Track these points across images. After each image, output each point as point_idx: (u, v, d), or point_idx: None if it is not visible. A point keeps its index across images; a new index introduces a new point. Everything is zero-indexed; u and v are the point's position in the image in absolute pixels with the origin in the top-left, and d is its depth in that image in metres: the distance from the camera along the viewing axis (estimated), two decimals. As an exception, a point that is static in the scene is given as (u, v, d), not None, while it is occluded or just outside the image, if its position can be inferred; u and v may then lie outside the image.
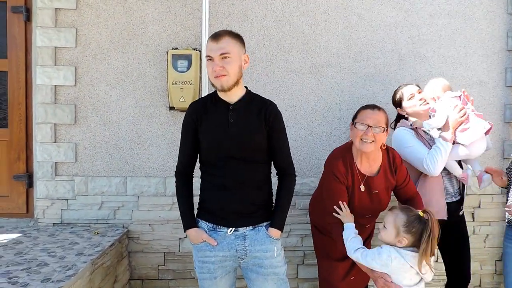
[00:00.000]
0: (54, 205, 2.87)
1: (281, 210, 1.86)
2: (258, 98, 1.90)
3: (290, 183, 1.91)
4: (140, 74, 2.86)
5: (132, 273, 2.91)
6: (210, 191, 1.84)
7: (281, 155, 1.90)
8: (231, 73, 1.74)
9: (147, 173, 2.89)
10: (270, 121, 1.82)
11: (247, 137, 1.78)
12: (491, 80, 3.02)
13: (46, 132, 2.84)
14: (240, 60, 1.78)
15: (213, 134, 1.80)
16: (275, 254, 1.82)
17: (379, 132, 1.96)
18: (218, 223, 1.82)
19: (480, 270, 3.09)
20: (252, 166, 1.81)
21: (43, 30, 2.80)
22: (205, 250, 1.81)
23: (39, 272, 2.04)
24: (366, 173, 2.09)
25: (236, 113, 1.81)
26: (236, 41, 1.78)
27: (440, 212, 2.29)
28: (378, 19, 2.94)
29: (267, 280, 1.82)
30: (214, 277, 1.82)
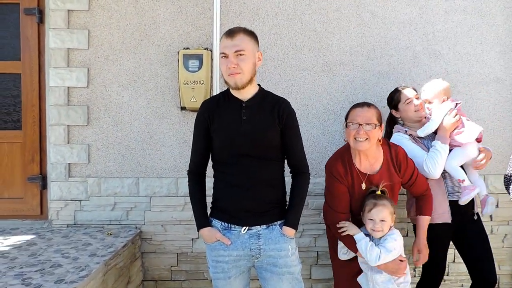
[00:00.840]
0: (68, 207, 2.88)
1: (295, 208, 1.84)
2: (271, 95, 1.89)
3: (304, 181, 1.88)
4: (151, 74, 2.86)
5: (145, 274, 2.91)
6: (223, 190, 1.83)
7: (295, 153, 1.87)
8: (245, 70, 1.72)
9: (159, 174, 2.89)
10: (284, 119, 1.80)
11: (260, 134, 1.77)
12: (509, 77, 2.94)
13: (59, 134, 2.85)
14: (254, 58, 1.77)
15: (226, 132, 1.78)
16: (289, 253, 1.80)
17: (371, 129, 1.95)
18: (232, 222, 1.80)
19: (499, 270, 3.00)
20: (266, 164, 1.79)
21: (55, 31, 2.82)
22: (219, 249, 1.80)
23: (52, 273, 2.04)
24: (367, 171, 2.06)
25: (249, 110, 1.80)
26: (250, 38, 1.77)
27: (443, 215, 2.26)
28: (391, 16, 2.89)
29: (282, 280, 1.79)
30: (228, 276, 1.80)
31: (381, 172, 2.07)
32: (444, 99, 2.36)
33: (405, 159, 2.10)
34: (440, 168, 2.20)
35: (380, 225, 1.95)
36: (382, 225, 1.95)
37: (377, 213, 1.95)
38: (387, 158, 2.08)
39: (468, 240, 2.36)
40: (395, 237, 1.97)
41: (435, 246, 2.27)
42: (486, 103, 2.93)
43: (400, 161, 2.08)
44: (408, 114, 2.39)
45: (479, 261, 2.35)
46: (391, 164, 2.08)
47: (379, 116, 2.03)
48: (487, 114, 2.92)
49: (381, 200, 1.97)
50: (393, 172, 2.07)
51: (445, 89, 2.38)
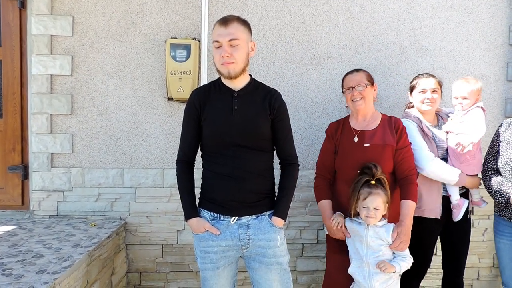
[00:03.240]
0: (50, 197, 2.82)
1: (284, 199, 1.84)
2: (262, 86, 1.88)
3: (293, 172, 1.89)
4: (138, 63, 2.81)
5: (129, 266, 2.88)
6: (212, 180, 1.81)
7: (285, 144, 1.87)
8: (239, 60, 1.71)
9: (144, 165, 2.85)
10: (275, 110, 1.80)
11: (251, 124, 1.76)
12: (493, 74, 3.00)
13: (42, 123, 2.78)
14: (247, 47, 1.76)
15: (216, 121, 1.77)
16: (278, 243, 1.81)
17: (363, 89, 2.16)
18: (221, 212, 1.79)
19: (479, 263, 3.09)
20: (256, 154, 1.79)
21: (38, 17, 2.74)
22: (207, 239, 1.78)
23: (34, 263, 2.00)
24: (360, 128, 2.21)
25: (241, 100, 1.78)
26: (244, 27, 1.75)
27: (435, 210, 2.29)
28: (380, 10, 2.90)
29: (270, 270, 1.80)
30: (217, 267, 1.80)
31: (375, 130, 2.19)
32: (477, 98, 2.35)
33: (404, 129, 2.21)
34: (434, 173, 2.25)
35: (374, 213, 2.01)
36: (376, 212, 2.01)
37: (371, 201, 2.01)
38: (385, 121, 2.23)
39: (452, 238, 2.40)
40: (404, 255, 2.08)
41: (423, 240, 2.30)
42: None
43: (399, 127, 2.20)
44: (416, 103, 2.38)
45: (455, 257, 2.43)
46: (387, 126, 2.20)
47: (369, 77, 2.23)
48: (471, 110, 2.97)
49: (376, 189, 2.03)
50: (388, 133, 2.18)
51: (480, 89, 2.37)
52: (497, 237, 2.30)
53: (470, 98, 2.31)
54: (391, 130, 2.19)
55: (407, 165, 2.17)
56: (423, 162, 2.24)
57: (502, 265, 2.29)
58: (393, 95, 2.92)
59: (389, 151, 2.15)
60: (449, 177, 2.25)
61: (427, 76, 2.38)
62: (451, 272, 2.46)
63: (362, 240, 2.06)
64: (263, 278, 1.81)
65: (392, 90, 2.93)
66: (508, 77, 2.99)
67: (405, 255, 2.07)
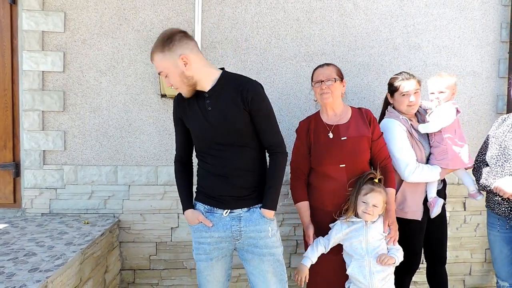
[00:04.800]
0: (43, 195, 2.80)
1: (271, 190, 1.84)
2: (234, 78, 1.83)
3: (280, 161, 1.87)
4: (131, 60, 2.79)
5: (123, 263, 2.87)
6: (204, 178, 1.89)
7: (266, 134, 1.84)
8: (176, 85, 1.78)
9: (138, 162, 2.84)
10: (248, 102, 1.76)
11: (227, 122, 1.77)
12: (484, 71, 3.02)
13: (34, 120, 2.76)
14: (178, 69, 1.73)
15: (195, 124, 1.84)
16: (269, 234, 1.84)
17: (332, 84, 2.17)
18: (214, 205, 1.85)
19: (471, 258, 3.12)
20: (240, 150, 1.81)
21: (29, 13, 2.70)
22: (201, 231, 1.86)
23: (26, 262, 1.98)
24: (333, 123, 2.23)
25: (212, 100, 1.79)
26: (163, 55, 1.72)
27: (416, 212, 2.31)
28: (373, 7, 2.91)
29: (263, 261, 1.84)
30: (210, 258, 1.86)
31: (348, 123, 2.22)
32: (453, 93, 2.38)
33: (376, 120, 2.27)
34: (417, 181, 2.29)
35: (372, 209, 2.04)
36: (374, 209, 2.05)
37: (372, 197, 2.05)
38: (356, 113, 2.26)
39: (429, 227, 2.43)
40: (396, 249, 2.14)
41: (409, 240, 2.32)
42: (463, 96, 3.00)
43: (370, 118, 2.24)
44: (400, 106, 2.38)
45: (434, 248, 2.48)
46: (360, 119, 2.24)
47: (338, 72, 2.24)
48: (463, 107, 2.99)
49: (378, 187, 2.08)
50: (361, 125, 2.22)
51: (455, 84, 2.40)
52: (488, 229, 2.35)
53: (447, 91, 2.35)
54: (364, 121, 2.23)
55: (384, 154, 2.24)
56: (406, 176, 2.27)
57: (494, 256, 2.34)
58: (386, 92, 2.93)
59: (365, 141, 2.19)
60: (431, 177, 2.30)
61: (409, 78, 2.35)
62: (433, 261, 2.50)
63: (362, 239, 2.06)
64: (257, 269, 1.85)
65: (385, 87, 2.91)
66: (500, 74, 3.02)
67: (398, 248, 2.13)
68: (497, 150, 2.22)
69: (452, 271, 2.98)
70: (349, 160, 2.16)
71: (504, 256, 2.27)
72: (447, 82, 2.36)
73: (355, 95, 2.91)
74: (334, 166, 2.17)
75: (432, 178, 2.30)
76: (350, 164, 2.16)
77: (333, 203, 2.17)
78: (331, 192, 2.17)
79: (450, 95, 2.37)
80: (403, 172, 2.27)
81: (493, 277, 3.05)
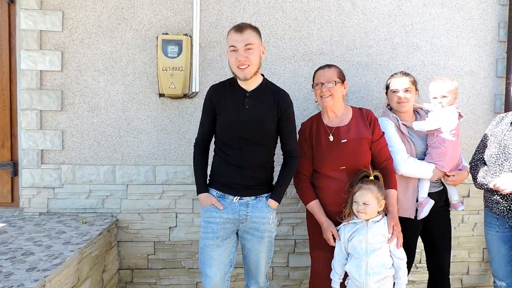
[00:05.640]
0: (40, 194, 2.80)
1: (281, 185, 2.12)
2: (273, 87, 2.12)
3: (293, 164, 2.15)
4: (129, 59, 2.79)
5: (121, 263, 2.87)
6: (220, 166, 2.09)
7: (289, 140, 2.12)
8: (253, 63, 1.95)
9: (136, 161, 2.84)
10: (282, 110, 2.04)
11: (259, 123, 2.01)
12: (482, 71, 3.03)
13: (32, 119, 2.75)
14: (259, 51, 2.00)
15: (228, 118, 2.03)
16: (270, 221, 2.10)
17: (332, 86, 2.17)
18: (226, 192, 2.07)
19: (468, 257, 3.13)
20: (260, 149, 2.04)
21: (27, 12, 2.70)
22: (212, 211, 2.06)
23: (24, 261, 1.98)
24: (334, 125, 2.23)
25: (252, 100, 2.03)
26: (257, 33, 2.00)
27: (408, 210, 2.29)
28: (371, 7, 2.91)
29: (261, 242, 2.10)
30: (217, 237, 2.05)
31: (349, 125, 2.22)
32: (455, 97, 2.37)
33: (376, 120, 2.26)
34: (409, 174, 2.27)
35: (363, 208, 2.03)
36: (365, 208, 2.03)
37: (360, 196, 2.04)
38: (357, 114, 2.26)
39: (431, 232, 2.40)
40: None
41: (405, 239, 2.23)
42: (461, 95, 2.99)
43: (371, 119, 2.24)
44: (391, 103, 2.41)
45: (438, 253, 2.42)
46: (360, 120, 2.23)
47: (340, 74, 2.23)
48: (461, 106, 2.97)
49: (368, 184, 2.05)
50: (362, 126, 2.21)
51: (457, 88, 2.38)
52: (486, 229, 2.35)
53: (449, 96, 2.33)
54: (364, 122, 2.22)
55: (384, 155, 2.23)
56: (397, 164, 2.26)
57: (491, 255, 2.33)
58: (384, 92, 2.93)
59: (366, 143, 2.19)
60: (423, 173, 2.27)
61: (401, 76, 2.39)
62: (435, 271, 2.44)
63: (362, 239, 2.05)
64: (254, 248, 2.11)
65: (383, 87, 2.93)
66: (498, 73, 3.03)
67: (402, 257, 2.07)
68: (496, 149, 2.22)
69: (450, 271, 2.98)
70: (349, 162, 2.16)
71: (501, 255, 2.27)
72: (449, 87, 2.34)
73: (353, 95, 2.91)
74: (335, 168, 2.18)
75: (424, 174, 2.27)
76: (350, 166, 2.17)
77: (336, 203, 2.17)
78: (333, 193, 2.18)
79: (452, 100, 2.35)
80: (394, 160, 2.26)
81: (490, 276, 3.05)
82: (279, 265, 2.98)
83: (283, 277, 3.00)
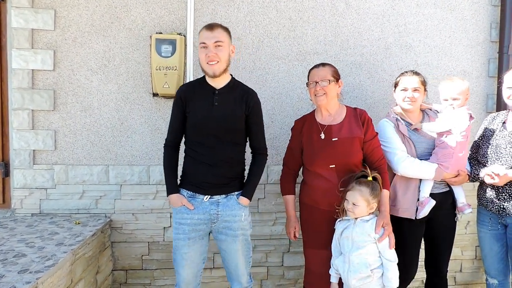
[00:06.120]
0: (33, 195, 2.76)
1: (251, 183, 2.16)
2: (241, 86, 2.15)
3: (262, 161, 2.21)
4: (122, 59, 2.77)
5: (115, 264, 2.85)
6: (192, 166, 2.11)
7: (257, 137, 2.18)
8: (222, 59, 2.00)
9: (130, 161, 2.82)
10: (250, 107, 2.09)
11: (228, 119, 2.04)
12: (475, 70, 3.06)
13: (23, 119, 2.72)
14: (229, 49, 2.05)
15: (198, 115, 2.05)
16: (242, 219, 2.11)
17: (326, 85, 2.17)
18: (196, 191, 2.09)
19: (461, 255, 3.16)
20: (229, 146, 2.07)
21: (19, 10, 2.67)
22: (183, 212, 2.08)
23: (16, 263, 1.96)
24: (327, 123, 2.25)
25: (221, 97, 2.07)
26: (227, 33, 2.06)
27: (408, 210, 2.27)
28: (365, 7, 2.92)
29: (235, 241, 2.11)
30: (188, 238, 2.07)
31: (342, 123, 2.23)
32: (467, 98, 2.32)
33: (370, 121, 2.26)
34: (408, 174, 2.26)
35: (352, 207, 2.04)
36: (354, 208, 2.03)
37: (350, 195, 2.05)
38: (350, 114, 2.26)
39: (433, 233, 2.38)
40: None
41: (403, 241, 2.25)
42: (453, 95, 3.03)
43: (365, 119, 2.24)
44: (398, 100, 2.40)
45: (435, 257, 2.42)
46: (353, 119, 2.24)
47: (334, 73, 2.24)
48: (454, 106, 3.02)
49: (360, 185, 2.05)
50: (354, 126, 2.22)
51: (468, 88, 2.33)
52: (479, 227, 2.37)
53: (460, 98, 2.28)
54: (357, 122, 2.23)
55: (377, 155, 2.24)
56: (395, 165, 2.27)
57: (484, 253, 2.36)
58: (378, 91, 2.95)
59: (357, 142, 2.20)
60: (424, 174, 2.25)
61: (411, 74, 2.36)
62: (432, 272, 2.44)
63: (348, 235, 2.07)
64: (229, 248, 2.12)
65: (377, 86, 2.96)
66: (490, 73, 3.06)
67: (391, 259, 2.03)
68: (488, 148, 2.25)
69: (443, 269, 3.01)
70: (339, 161, 2.17)
71: (494, 253, 2.30)
72: (460, 87, 2.27)
73: (347, 94, 2.93)
74: (325, 167, 2.19)
75: (426, 174, 2.24)
76: (340, 165, 2.17)
77: (326, 202, 2.18)
78: (324, 191, 2.19)
79: (464, 101, 2.29)
80: (392, 161, 2.26)
81: (483, 274, 3.08)
82: (274, 265, 2.99)
83: (278, 277, 3.00)
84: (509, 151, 2.15)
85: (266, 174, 2.90)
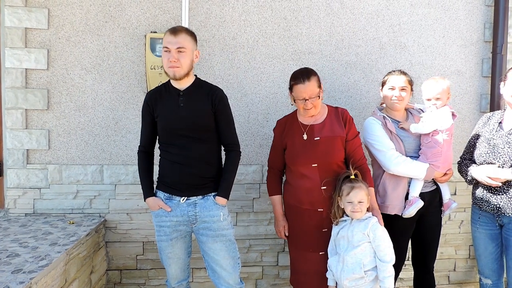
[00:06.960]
0: (26, 195, 2.75)
1: (226, 181, 2.13)
2: (206, 84, 2.17)
3: (234, 158, 2.18)
4: (117, 58, 2.76)
5: (109, 264, 2.84)
6: (166, 166, 2.12)
7: (226, 134, 2.16)
8: (184, 65, 2.00)
9: (124, 161, 2.81)
10: (217, 104, 2.10)
11: (195, 118, 2.05)
12: (468, 70, 3.07)
13: (17, 118, 2.70)
14: (192, 55, 2.05)
15: (166, 117, 2.08)
16: (221, 219, 2.10)
17: (315, 100, 2.17)
18: (173, 193, 2.10)
19: (455, 254, 3.18)
20: (201, 144, 2.08)
21: (12, 9, 2.65)
22: (161, 216, 2.10)
23: (9, 263, 1.95)
24: (309, 123, 2.25)
25: (186, 97, 2.08)
26: (191, 38, 2.05)
27: (396, 207, 2.29)
28: (360, 6, 2.93)
29: (216, 241, 2.10)
30: (170, 239, 2.11)
31: (323, 123, 2.24)
32: (448, 97, 2.35)
33: (351, 121, 2.28)
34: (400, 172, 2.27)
35: (359, 206, 2.05)
36: (361, 206, 2.05)
37: (355, 195, 2.05)
38: (332, 113, 2.28)
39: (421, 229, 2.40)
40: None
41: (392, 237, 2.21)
42: (447, 95, 3.04)
43: (346, 118, 2.26)
44: (385, 99, 2.42)
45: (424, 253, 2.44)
46: (334, 119, 2.26)
47: (318, 81, 2.21)
48: (448, 106, 3.03)
49: (357, 183, 2.08)
50: (336, 125, 2.23)
51: (449, 87, 2.36)
52: (473, 226, 2.38)
53: (442, 97, 2.32)
54: (339, 121, 2.25)
55: (359, 154, 2.27)
56: (387, 164, 2.27)
57: (478, 253, 2.36)
58: (372, 91, 2.96)
59: (339, 141, 2.21)
60: (416, 173, 2.26)
61: (399, 74, 2.39)
62: (420, 267, 2.47)
63: (345, 235, 2.08)
64: (211, 249, 2.11)
65: (371, 86, 2.97)
66: (483, 73, 3.08)
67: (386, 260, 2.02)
68: (486, 148, 2.26)
69: (437, 267, 3.02)
70: (321, 160, 2.18)
71: (488, 253, 2.30)
72: (441, 87, 2.31)
73: (342, 94, 2.93)
74: (307, 166, 2.20)
75: (417, 173, 2.25)
76: (322, 164, 2.19)
77: (309, 201, 2.20)
78: (306, 191, 2.21)
79: (445, 100, 2.34)
80: (383, 159, 2.27)
81: (476, 273, 3.10)
82: (268, 264, 2.99)
83: (273, 276, 3.00)
84: (507, 151, 2.16)
85: (261, 174, 2.91)
